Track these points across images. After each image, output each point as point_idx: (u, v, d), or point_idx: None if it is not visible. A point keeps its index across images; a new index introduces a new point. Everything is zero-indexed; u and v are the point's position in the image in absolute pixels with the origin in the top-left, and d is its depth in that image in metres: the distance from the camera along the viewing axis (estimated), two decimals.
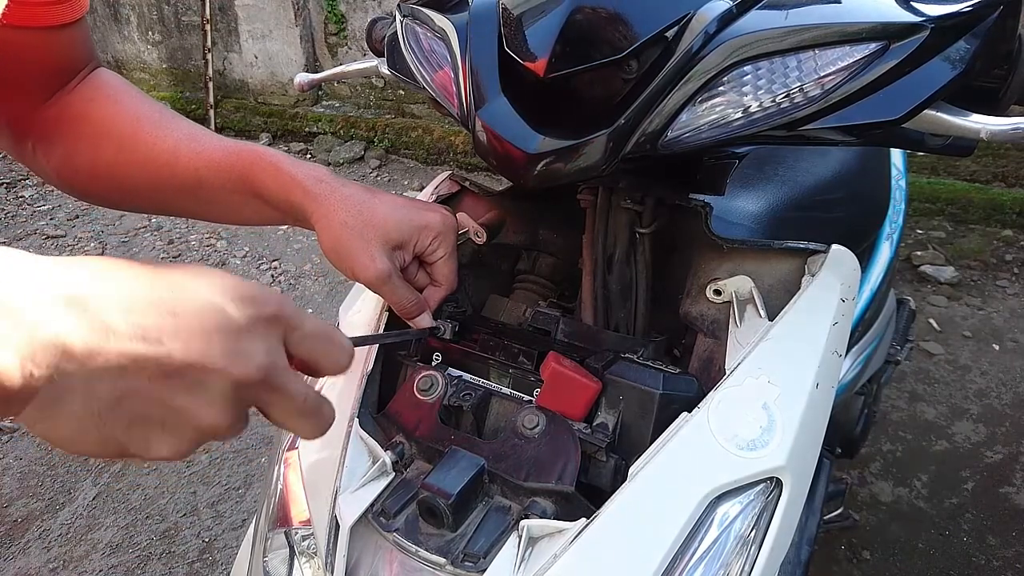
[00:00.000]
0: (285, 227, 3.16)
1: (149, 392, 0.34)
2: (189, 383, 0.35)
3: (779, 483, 0.53)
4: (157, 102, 0.68)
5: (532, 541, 0.55)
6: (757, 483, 0.53)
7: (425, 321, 0.66)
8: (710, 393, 0.57)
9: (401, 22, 0.75)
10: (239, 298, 0.37)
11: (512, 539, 0.55)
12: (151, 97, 0.69)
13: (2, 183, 3.66)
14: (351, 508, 0.59)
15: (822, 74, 0.52)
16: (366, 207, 0.62)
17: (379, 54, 0.85)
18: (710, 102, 0.55)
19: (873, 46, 0.51)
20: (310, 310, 2.60)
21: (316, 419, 0.41)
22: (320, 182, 0.62)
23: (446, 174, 0.83)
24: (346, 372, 0.44)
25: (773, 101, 0.53)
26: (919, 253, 2.67)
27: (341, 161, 3.79)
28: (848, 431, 1.40)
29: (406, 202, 0.65)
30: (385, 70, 0.82)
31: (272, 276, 2.83)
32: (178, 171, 0.63)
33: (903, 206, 1.42)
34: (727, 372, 0.58)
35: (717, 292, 0.67)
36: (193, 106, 4.24)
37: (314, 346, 0.41)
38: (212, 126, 4.02)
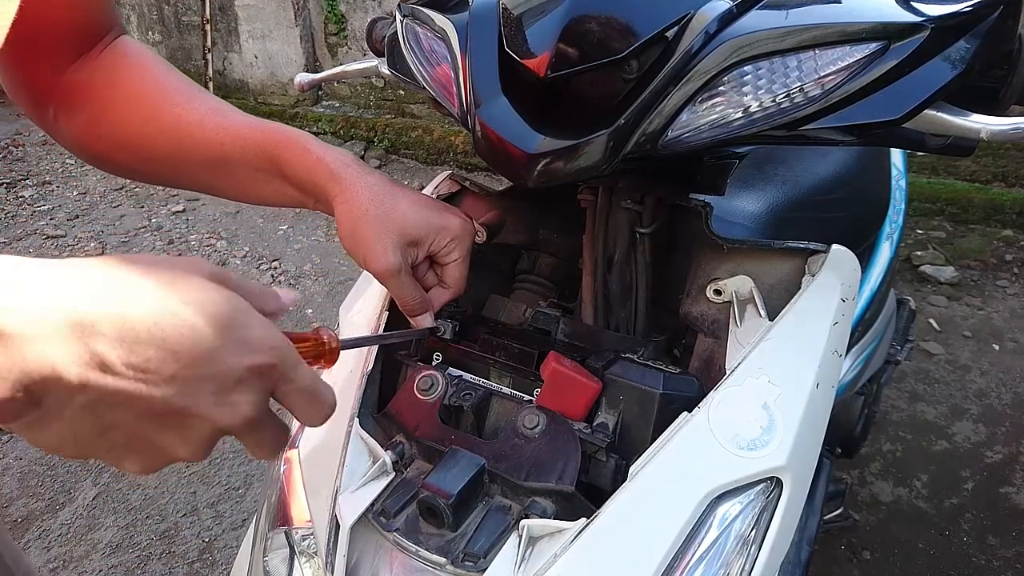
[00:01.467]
0: (285, 227, 3.16)
1: (132, 426, 0.35)
2: (172, 424, 0.36)
3: (779, 483, 0.53)
4: (183, 74, 0.67)
5: (532, 541, 0.55)
6: (757, 483, 0.53)
7: (427, 321, 0.66)
8: (710, 393, 0.57)
9: (401, 22, 0.75)
10: (241, 344, 0.36)
11: (512, 539, 0.55)
12: (175, 68, 0.68)
13: (2, 183, 3.66)
14: (351, 508, 0.59)
15: (822, 74, 0.52)
16: (389, 199, 0.61)
17: (379, 54, 0.85)
18: (710, 102, 0.55)
19: (873, 46, 0.51)
20: (310, 311, 2.60)
21: (278, 447, 0.42)
22: (347, 166, 0.62)
23: (446, 174, 0.83)
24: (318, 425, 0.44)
25: (773, 101, 0.53)
26: (919, 253, 2.67)
27: None
28: (848, 431, 1.40)
29: (428, 201, 0.65)
30: (385, 70, 0.82)
31: (272, 276, 2.83)
32: (203, 144, 0.63)
33: (903, 206, 1.42)
34: (727, 372, 0.58)
35: (717, 292, 0.67)
36: None
37: (299, 401, 0.41)
38: None
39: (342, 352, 0.49)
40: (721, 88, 0.54)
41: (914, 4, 0.53)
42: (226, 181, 0.66)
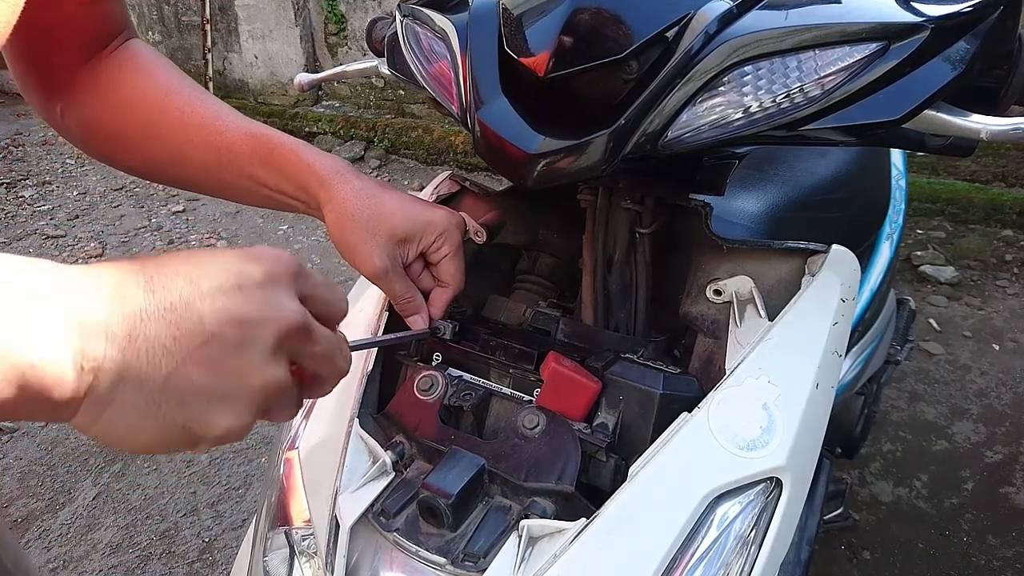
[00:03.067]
0: (285, 227, 3.17)
1: (195, 362, 0.35)
2: (232, 344, 0.36)
3: (779, 483, 0.53)
4: (186, 76, 0.69)
5: (532, 541, 0.55)
6: (757, 483, 0.53)
7: (420, 321, 0.66)
8: (710, 393, 0.57)
9: (401, 22, 0.75)
10: (250, 258, 0.38)
11: (512, 539, 0.55)
12: (180, 70, 0.69)
13: (2, 183, 3.66)
14: (351, 508, 0.59)
15: (822, 74, 0.52)
16: (374, 201, 0.63)
17: (379, 54, 0.85)
18: (710, 102, 0.55)
19: (873, 46, 0.51)
20: None
21: (343, 358, 0.44)
22: (336, 173, 0.63)
23: (446, 174, 0.83)
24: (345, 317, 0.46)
25: (773, 101, 0.53)
26: (919, 253, 2.67)
27: None
28: (848, 431, 1.40)
29: (414, 200, 0.66)
30: (385, 70, 0.82)
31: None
32: (201, 148, 0.64)
33: (903, 206, 1.42)
34: (727, 372, 0.58)
35: (717, 292, 0.67)
36: None
37: (324, 294, 0.43)
38: None
39: None
40: (721, 88, 0.54)
41: (914, 4, 0.53)
42: (222, 184, 0.67)
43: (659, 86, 0.54)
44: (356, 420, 0.64)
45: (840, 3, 0.56)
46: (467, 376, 0.67)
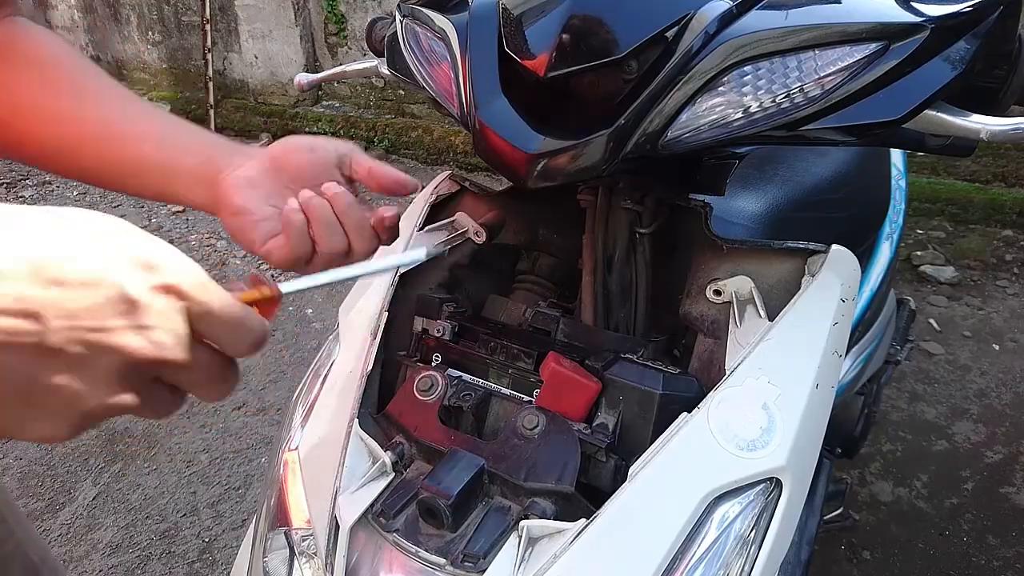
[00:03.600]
0: None
1: (24, 370, 0.30)
2: (72, 361, 0.31)
3: (779, 483, 0.53)
4: (77, 55, 0.61)
5: (532, 541, 0.55)
6: (757, 483, 0.53)
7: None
8: (710, 393, 0.57)
9: (401, 22, 0.75)
10: (138, 263, 0.32)
11: (512, 539, 0.55)
12: (69, 47, 0.61)
13: (2, 183, 3.66)
14: (351, 508, 0.59)
15: (822, 74, 0.52)
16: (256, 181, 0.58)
17: (379, 54, 0.85)
18: (710, 102, 0.55)
19: (873, 46, 0.51)
20: (309, 310, 2.60)
21: (225, 386, 0.37)
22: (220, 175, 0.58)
23: (446, 174, 0.83)
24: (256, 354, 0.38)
25: (773, 101, 0.53)
26: (919, 253, 2.67)
27: None
28: (848, 431, 1.39)
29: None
30: (385, 70, 0.82)
31: (272, 276, 2.83)
32: (97, 160, 0.60)
33: (903, 206, 1.42)
34: (727, 372, 0.58)
35: (717, 292, 0.67)
36: (193, 106, 4.24)
37: (221, 332, 0.35)
38: (212, 126, 4.03)
39: (341, 350, 0.48)
40: (721, 88, 0.54)
41: (914, 4, 0.53)
42: (128, 189, 0.63)
43: (659, 86, 0.54)
44: (356, 420, 0.64)
45: (840, 3, 0.56)
46: (467, 376, 0.67)
